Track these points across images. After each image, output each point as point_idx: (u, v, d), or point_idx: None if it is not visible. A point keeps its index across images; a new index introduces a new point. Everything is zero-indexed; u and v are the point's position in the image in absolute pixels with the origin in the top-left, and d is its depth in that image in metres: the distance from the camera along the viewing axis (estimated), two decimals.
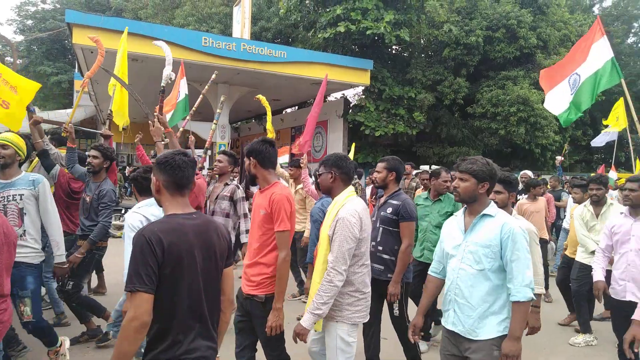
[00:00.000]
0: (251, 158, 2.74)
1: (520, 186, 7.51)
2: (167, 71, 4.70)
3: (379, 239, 3.51)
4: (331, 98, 18.56)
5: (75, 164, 4.47)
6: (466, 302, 2.37)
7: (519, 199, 6.71)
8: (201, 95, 6.26)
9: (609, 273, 3.59)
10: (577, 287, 4.85)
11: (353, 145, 10.13)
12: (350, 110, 16.41)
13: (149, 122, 4.09)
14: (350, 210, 2.59)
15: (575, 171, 20.88)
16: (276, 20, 19.49)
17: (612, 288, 3.49)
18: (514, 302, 2.25)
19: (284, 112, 21.05)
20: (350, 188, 2.78)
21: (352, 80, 14.80)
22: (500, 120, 16.17)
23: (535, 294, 2.88)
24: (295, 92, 16.79)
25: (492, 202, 2.49)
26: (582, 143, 21.34)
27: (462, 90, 16.58)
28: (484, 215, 2.41)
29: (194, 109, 6.32)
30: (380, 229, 3.52)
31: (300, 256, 5.58)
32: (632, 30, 23.45)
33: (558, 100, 5.55)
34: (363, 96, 16.58)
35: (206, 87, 6.28)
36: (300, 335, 2.52)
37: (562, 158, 11.78)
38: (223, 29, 19.52)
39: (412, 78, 16.67)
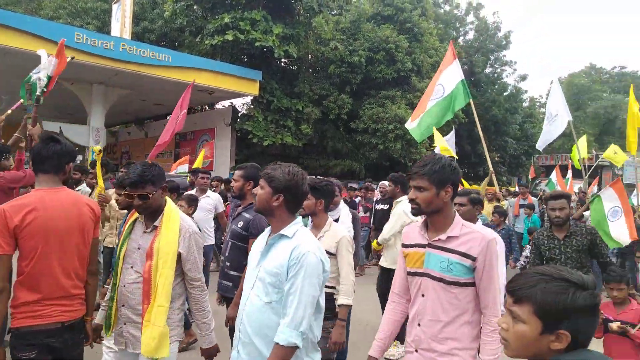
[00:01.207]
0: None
1: (379, 196, 7.86)
2: (40, 74, 4.22)
3: (227, 254, 3.23)
4: (219, 106, 18.24)
5: None
6: (249, 340, 1.95)
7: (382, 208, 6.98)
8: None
9: None
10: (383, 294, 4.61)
11: None
12: (239, 119, 16.31)
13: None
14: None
15: None
16: (161, 23, 18.63)
17: None
18: (275, 342, 1.84)
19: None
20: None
21: (241, 89, 14.73)
22: (380, 136, 17.34)
23: (344, 305, 2.90)
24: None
25: (301, 220, 2.08)
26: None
27: (346, 106, 17.48)
28: (281, 235, 2.00)
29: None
30: (230, 243, 3.22)
31: None
32: (489, 62, 26.90)
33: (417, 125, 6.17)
34: (252, 106, 16.59)
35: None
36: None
37: None
38: (100, 26, 18.10)
39: (300, 91, 17.13)
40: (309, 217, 3.12)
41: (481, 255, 1.93)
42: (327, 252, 2.38)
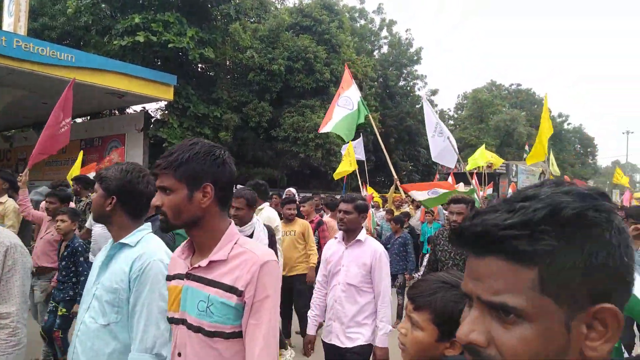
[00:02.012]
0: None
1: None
2: None
3: None
4: (130, 110, 17.21)
5: None
6: None
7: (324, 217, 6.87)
8: None
9: None
10: None
11: None
12: (152, 125, 15.49)
13: None
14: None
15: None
16: (63, 20, 17.21)
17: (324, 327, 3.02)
18: None
19: (72, 122, 18.57)
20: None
21: (154, 94, 13.99)
22: (301, 144, 17.44)
23: None
24: (86, 101, 15.00)
25: (149, 226, 1.77)
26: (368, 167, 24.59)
27: (266, 114, 17.36)
28: (122, 244, 1.67)
29: None
30: None
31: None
32: (402, 75, 28.37)
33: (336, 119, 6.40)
34: (166, 111, 15.86)
35: None
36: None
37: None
38: None
39: (218, 98, 16.72)
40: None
41: (250, 288, 1.30)
42: None
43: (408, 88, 28.69)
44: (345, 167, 10.21)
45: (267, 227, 3.98)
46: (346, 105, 6.26)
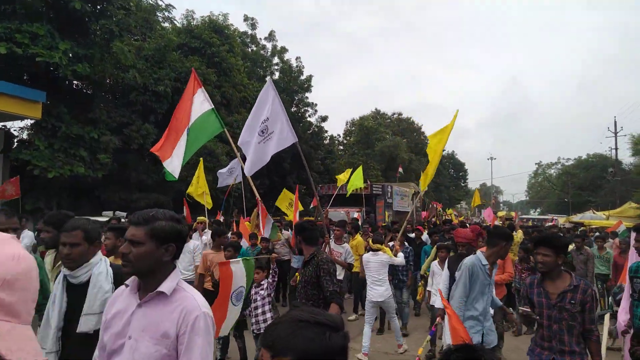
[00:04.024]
0: None
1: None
2: None
3: None
4: None
5: None
6: None
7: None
8: None
9: None
10: None
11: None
12: (15, 147, 13.78)
13: None
14: None
15: None
16: None
17: None
18: None
19: None
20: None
21: (18, 111, 12.47)
22: (189, 168, 16.79)
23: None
24: None
25: None
26: (260, 191, 24.50)
27: (150, 136, 16.48)
28: None
29: None
30: None
31: None
32: (294, 102, 29.10)
33: (177, 160, 5.53)
34: (32, 131, 14.25)
35: None
36: None
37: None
38: None
39: (96, 118, 15.50)
40: None
41: None
42: None
43: (300, 114, 29.46)
44: (192, 188, 9.89)
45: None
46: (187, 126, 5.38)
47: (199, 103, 5.38)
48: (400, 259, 6.42)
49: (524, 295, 3.57)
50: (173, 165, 5.30)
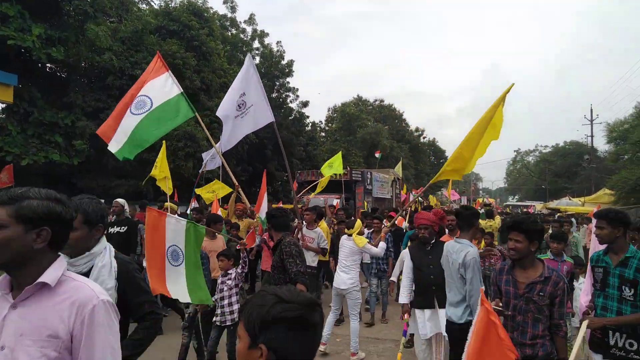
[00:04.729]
0: None
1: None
2: None
3: None
4: None
5: None
6: None
7: None
8: None
9: None
10: None
11: None
12: None
13: None
14: None
15: None
16: None
17: None
18: None
19: None
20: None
21: None
22: (169, 154, 16.52)
23: None
24: None
25: None
26: (242, 178, 24.33)
27: None
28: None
29: None
30: None
31: None
32: (275, 87, 28.82)
33: (120, 137, 4.84)
34: (4, 116, 13.80)
35: None
36: None
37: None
38: None
39: (71, 102, 15.08)
40: None
41: None
42: None
43: (281, 100, 29.20)
44: (155, 172, 9.35)
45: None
46: (142, 108, 4.80)
47: (162, 86, 4.90)
48: (378, 249, 6.01)
49: (492, 282, 3.26)
50: (118, 141, 4.71)
